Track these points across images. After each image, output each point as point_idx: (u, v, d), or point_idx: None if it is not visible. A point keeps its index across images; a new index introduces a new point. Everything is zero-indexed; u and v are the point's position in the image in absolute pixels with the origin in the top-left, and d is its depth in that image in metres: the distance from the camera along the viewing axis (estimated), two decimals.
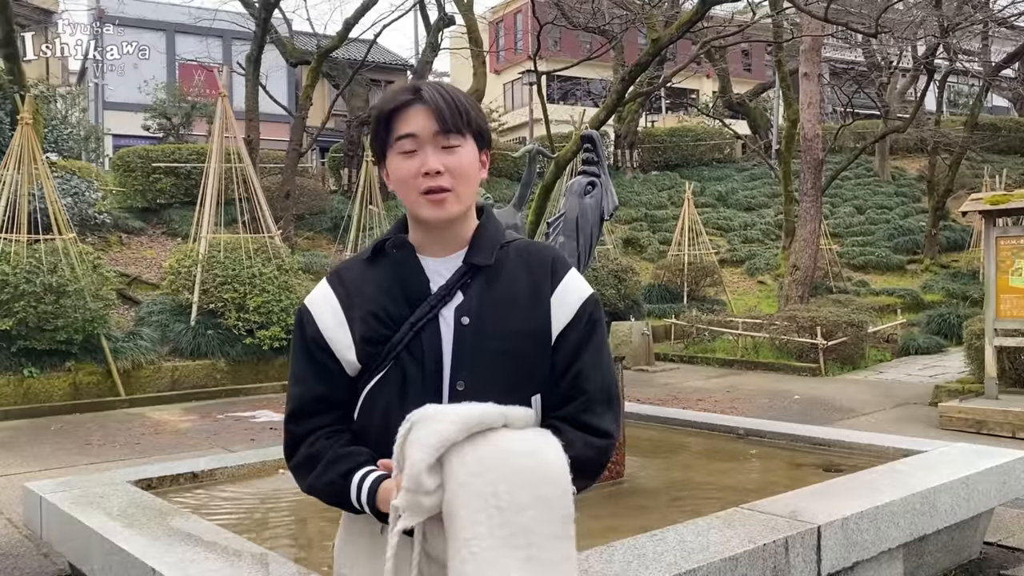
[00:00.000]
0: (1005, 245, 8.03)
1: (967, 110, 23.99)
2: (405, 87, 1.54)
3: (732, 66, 26.92)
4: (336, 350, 1.55)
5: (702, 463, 5.07)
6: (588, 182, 4.79)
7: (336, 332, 1.55)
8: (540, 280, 1.56)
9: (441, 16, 19.54)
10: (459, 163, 1.50)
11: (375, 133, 1.56)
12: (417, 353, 1.49)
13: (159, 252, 14.68)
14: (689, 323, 14.21)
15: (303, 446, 1.56)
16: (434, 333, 1.50)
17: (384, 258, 1.58)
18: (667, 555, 2.68)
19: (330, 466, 1.51)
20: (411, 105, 1.50)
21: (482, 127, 1.55)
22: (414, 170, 1.49)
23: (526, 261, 1.58)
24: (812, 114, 14.42)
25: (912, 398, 9.43)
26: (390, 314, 1.51)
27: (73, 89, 22.19)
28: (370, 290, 1.54)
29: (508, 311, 1.51)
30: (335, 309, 1.56)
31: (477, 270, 1.54)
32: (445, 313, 1.51)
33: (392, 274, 1.55)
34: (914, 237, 20.65)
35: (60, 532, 3.68)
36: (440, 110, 1.48)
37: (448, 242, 1.56)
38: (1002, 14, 18.54)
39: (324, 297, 1.59)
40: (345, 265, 1.64)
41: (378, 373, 1.51)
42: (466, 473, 1.32)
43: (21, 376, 9.32)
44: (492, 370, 1.49)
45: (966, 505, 3.66)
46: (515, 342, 1.50)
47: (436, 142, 1.49)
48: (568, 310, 1.55)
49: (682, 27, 10.97)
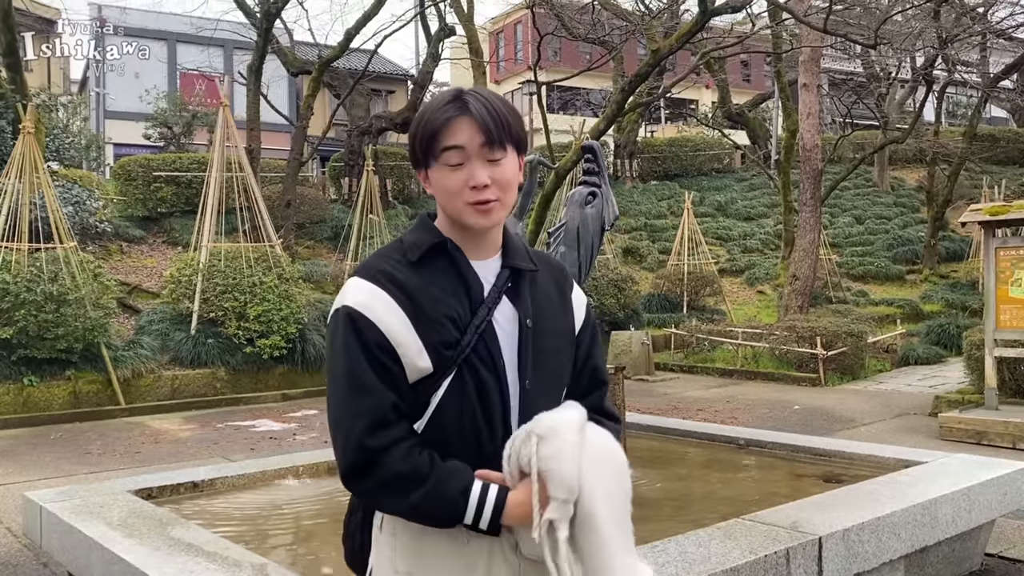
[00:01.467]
0: (1004, 256, 8.04)
1: (966, 121, 24.05)
2: (450, 96, 1.54)
3: (731, 77, 27.00)
4: (404, 355, 1.46)
5: (703, 473, 5.07)
6: (589, 192, 4.81)
7: (404, 336, 1.46)
8: (562, 284, 1.69)
9: (442, 27, 19.61)
10: (504, 174, 1.53)
11: (419, 141, 1.54)
12: (484, 356, 1.51)
13: (160, 261, 14.69)
14: (689, 333, 14.20)
15: (390, 461, 1.44)
16: (492, 335, 1.53)
17: (439, 259, 1.54)
18: (668, 566, 2.68)
19: (442, 483, 1.44)
20: (458, 117, 1.50)
21: (522, 136, 1.57)
22: (461, 182, 1.51)
23: (547, 266, 1.68)
24: (811, 124, 14.46)
25: (912, 408, 9.42)
26: (460, 317, 1.51)
27: (74, 98, 22.22)
28: (435, 292, 1.51)
29: (551, 312, 1.62)
30: (397, 311, 1.47)
31: (519, 273, 1.59)
32: (496, 316, 1.55)
33: (455, 276, 1.54)
34: (913, 247, 20.67)
35: (60, 542, 3.67)
36: (486, 123, 1.50)
37: (487, 246, 1.59)
38: (1000, 26, 18.61)
39: (378, 299, 1.48)
40: (383, 265, 1.52)
41: (446, 378, 1.49)
42: (591, 475, 1.43)
43: (21, 385, 9.32)
44: (547, 368, 1.58)
45: (967, 516, 3.66)
46: (560, 341, 1.63)
47: (482, 155, 1.50)
48: (581, 312, 1.71)
49: (682, 38, 11.01)
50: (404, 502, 1.44)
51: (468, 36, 17.23)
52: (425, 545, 1.50)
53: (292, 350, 11.04)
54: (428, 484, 1.43)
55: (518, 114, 1.58)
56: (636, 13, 16.44)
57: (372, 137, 20.20)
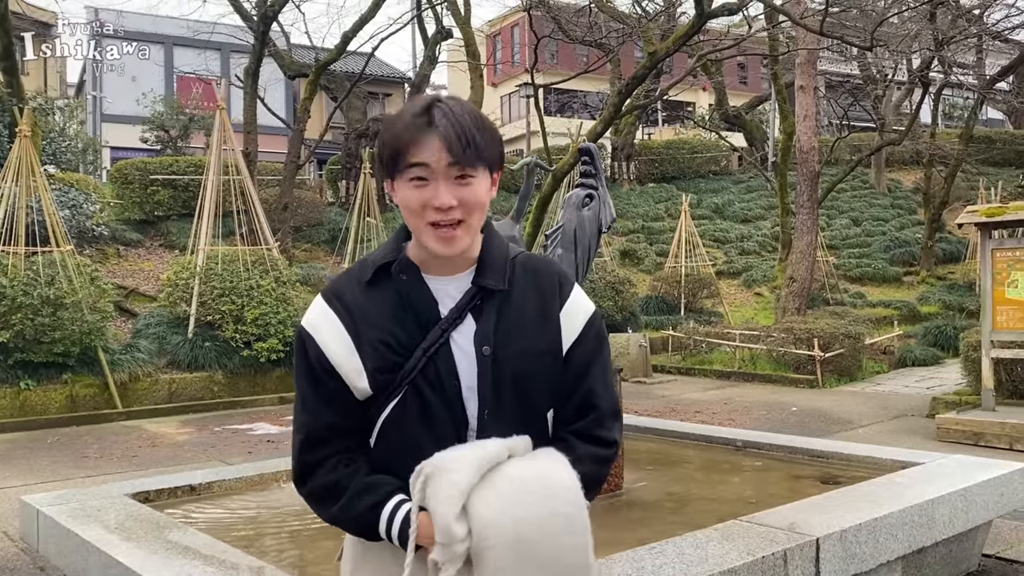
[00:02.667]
0: (1001, 257, 8.05)
1: (962, 123, 24.11)
2: (418, 108, 1.45)
3: (728, 79, 27.05)
4: (344, 375, 1.48)
5: (700, 475, 5.07)
6: (586, 194, 4.81)
7: (344, 358, 1.48)
8: (549, 298, 1.56)
9: (439, 29, 19.63)
10: (472, 195, 1.45)
11: (384, 155, 1.48)
12: (433, 378, 1.46)
13: (157, 264, 14.67)
14: (686, 335, 14.22)
15: (319, 474, 1.50)
16: (447, 358, 1.47)
17: (388, 281, 1.51)
18: (666, 568, 2.68)
19: (356, 498, 1.46)
20: (424, 133, 1.42)
21: (493, 154, 1.48)
22: (425, 201, 1.43)
23: (533, 279, 1.57)
24: (808, 127, 14.48)
25: (909, 410, 9.43)
26: (400, 341, 1.47)
27: (71, 102, 22.20)
28: (376, 316, 1.49)
29: (522, 334, 1.51)
30: (340, 333, 1.48)
31: (488, 293, 1.51)
32: (456, 337, 1.48)
33: (399, 299, 1.50)
34: (910, 249, 20.70)
35: (57, 546, 3.66)
36: (452, 143, 1.41)
37: (454, 263, 1.52)
38: (996, 28, 18.67)
39: (326, 319, 1.50)
40: (341, 285, 1.55)
41: (392, 399, 1.48)
42: (490, 513, 1.35)
43: (18, 389, 9.30)
44: (513, 393, 1.50)
45: (964, 517, 3.66)
46: (531, 363, 1.51)
47: (448, 174, 1.43)
48: (576, 326, 1.57)
49: (679, 40, 11.03)
50: (327, 513, 1.51)
51: (465, 39, 17.24)
52: (370, 550, 1.54)
53: (289, 353, 11.01)
54: (343, 498, 1.47)
55: (494, 130, 1.50)
56: (633, 16, 16.46)
57: (369, 140, 20.21)
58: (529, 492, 1.38)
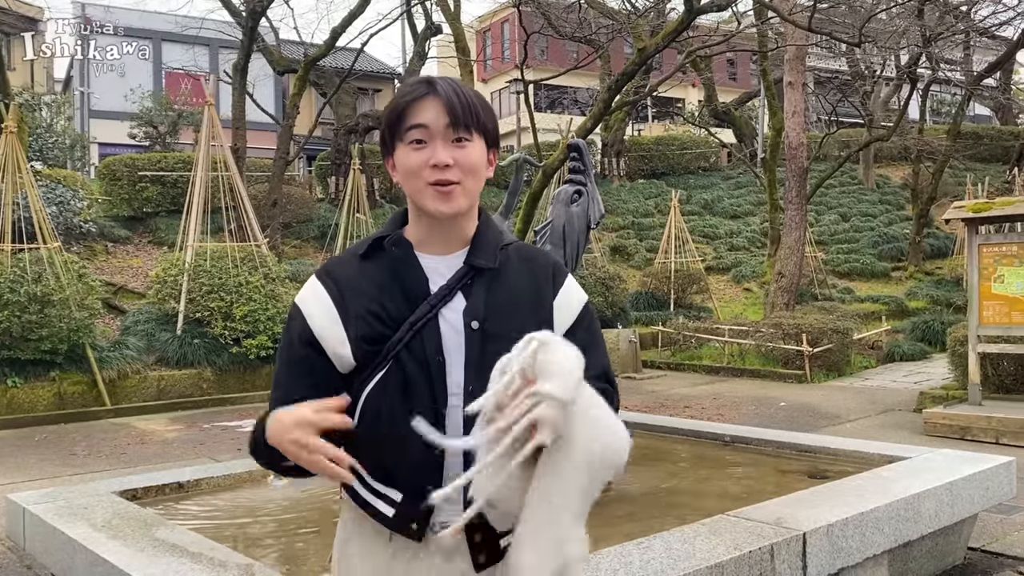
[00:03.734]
0: (987, 252, 8.10)
1: (950, 119, 24.22)
2: (419, 80, 1.54)
3: (717, 75, 27.06)
4: (327, 347, 1.50)
5: (688, 470, 5.09)
6: (575, 190, 4.82)
7: (328, 329, 1.50)
8: (543, 285, 1.59)
9: (428, 25, 19.58)
10: (468, 157, 1.49)
11: (387, 125, 1.54)
12: (418, 353, 1.47)
13: (145, 261, 14.60)
14: (676, 330, 14.25)
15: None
16: (434, 333, 1.48)
17: (381, 254, 1.55)
18: (653, 563, 2.69)
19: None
20: (425, 97, 1.49)
21: (490, 126, 1.54)
22: (423, 161, 1.48)
23: (528, 265, 1.60)
24: (797, 123, 14.53)
25: (897, 404, 9.48)
26: (389, 313, 1.49)
27: (58, 97, 22.06)
28: (367, 287, 1.51)
29: (513, 314, 1.52)
30: (326, 305, 1.51)
31: (479, 272, 1.53)
32: (446, 313, 1.50)
33: (390, 272, 1.52)
34: (898, 244, 20.80)
35: (44, 544, 3.65)
36: (452, 104, 1.48)
37: (450, 239, 1.55)
38: (983, 24, 18.76)
39: (314, 293, 1.54)
40: (336, 261, 1.59)
41: (377, 373, 1.48)
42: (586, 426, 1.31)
43: (5, 386, 9.24)
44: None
45: (950, 511, 3.69)
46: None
47: (446, 135, 1.48)
48: (571, 314, 1.60)
49: (668, 36, 11.04)
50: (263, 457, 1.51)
51: (455, 34, 17.19)
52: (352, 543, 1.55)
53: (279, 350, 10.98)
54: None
55: (490, 107, 1.56)
56: (622, 12, 16.47)
57: (359, 136, 20.15)
58: (606, 424, 1.36)
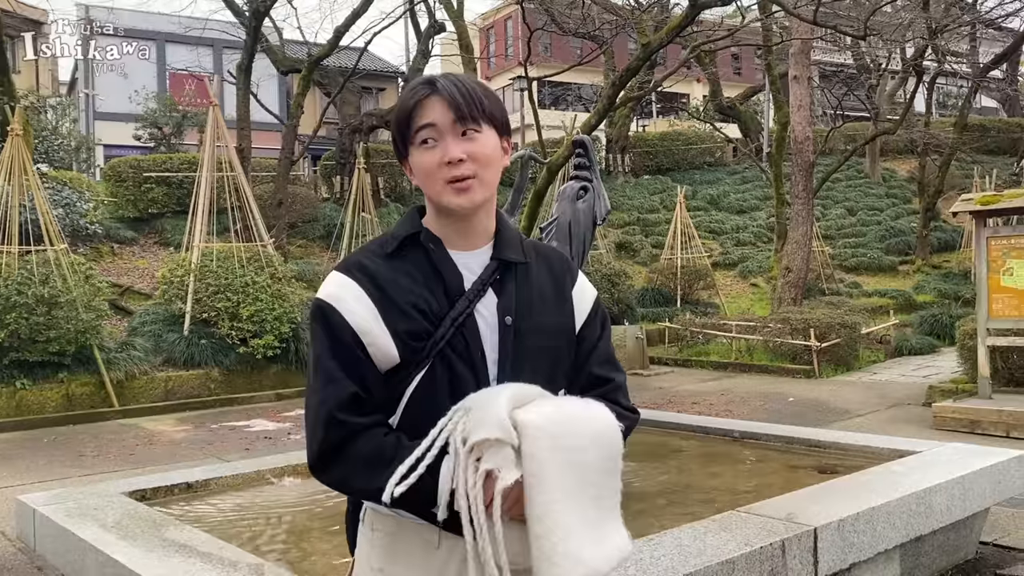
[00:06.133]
0: (996, 245, 8.05)
1: (956, 111, 24.11)
2: (420, 81, 1.54)
3: (722, 70, 27.00)
4: (371, 343, 1.45)
5: (698, 466, 5.08)
6: (580, 187, 4.81)
7: (371, 324, 1.46)
8: (562, 278, 1.63)
9: (432, 23, 19.57)
10: (480, 149, 1.49)
11: (397, 131, 1.54)
12: (461, 350, 1.47)
13: (151, 262, 14.64)
14: (683, 326, 14.22)
15: (354, 447, 1.41)
16: (474, 329, 1.49)
17: (415, 250, 1.53)
18: (664, 559, 2.68)
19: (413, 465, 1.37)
20: (428, 98, 1.50)
21: (498, 114, 1.54)
22: (436, 160, 1.48)
23: (545, 259, 1.64)
24: (802, 117, 14.48)
25: (906, 399, 9.45)
26: (431, 308, 1.48)
27: (63, 100, 22.13)
28: (405, 283, 1.49)
29: (542, 308, 1.56)
30: (364, 301, 1.47)
31: (507, 267, 1.55)
32: (480, 308, 1.51)
33: (428, 267, 1.51)
34: (905, 238, 20.73)
35: (54, 545, 3.66)
36: (455, 99, 1.48)
37: (473, 235, 1.55)
38: (989, 15, 18.67)
39: (347, 289, 1.49)
40: (361, 258, 1.54)
41: (420, 370, 1.46)
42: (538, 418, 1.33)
43: (14, 388, 9.27)
44: (533, 365, 1.52)
45: (961, 505, 3.67)
46: (551, 338, 1.56)
47: (455, 130, 1.49)
48: (586, 307, 1.64)
49: (672, 31, 11.00)
50: (372, 485, 1.38)
51: (458, 32, 17.20)
52: (399, 544, 1.49)
53: (286, 350, 11.01)
54: (395, 464, 1.36)
55: (495, 95, 1.56)
56: (626, 7, 16.41)
57: (363, 135, 20.16)
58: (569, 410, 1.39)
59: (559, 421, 1.35)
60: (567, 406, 1.40)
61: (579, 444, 1.35)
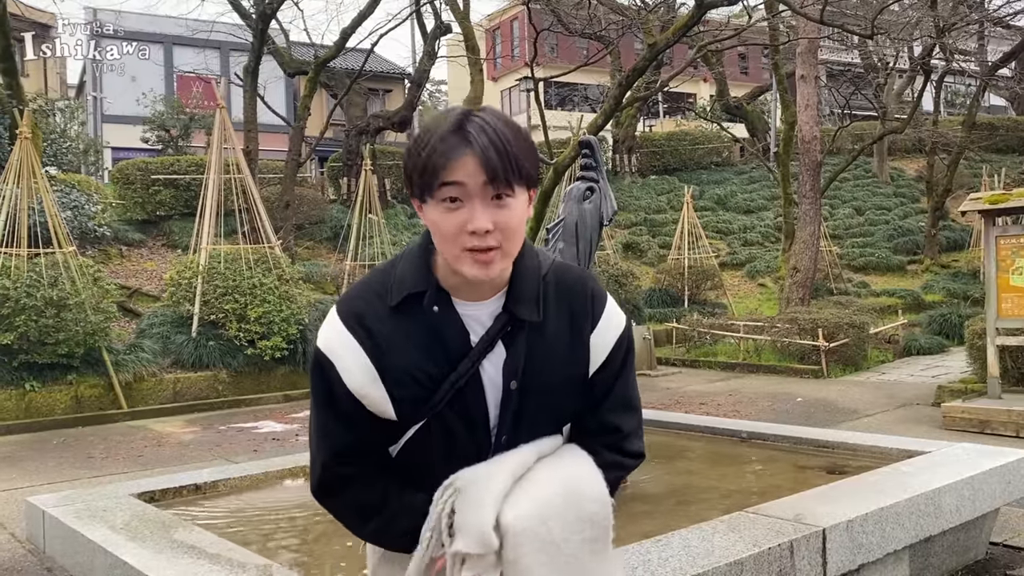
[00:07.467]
0: (1005, 244, 8.02)
1: (964, 110, 24.02)
2: (449, 128, 1.32)
3: (729, 70, 26.97)
4: (369, 404, 1.43)
5: (705, 467, 5.06)
6: (587, 187, 4.79)
7: (368, 388, 1.41)
8: (582, 322, 1.50)
9: (438, 24, 19.59)
10: (508, 220, 1.34)
11: (417, 175, 1.35)
12: (460, 409, 1.42)
13: (159, 264, 14.69)
14: (690, 327, 14.20)
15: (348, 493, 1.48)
16: (476, 388, 1.43)
17: (418, 310, 1.42)
18: (672, 560, 2.67)
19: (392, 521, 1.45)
20: (459, 153, 1.31)
21: (531, 169, 1.37)
22: (459, 224, 1.32)
23: (567, 301, 1.50)
24: (810, 116, 14.44)
25: (915, 399, 9.41)
26: (430, 375, 1.40)
27: (72, 103, 22.20)
28: (404, 345, 1.41)
29: (552, 367, 1.46)
30: (363, 362, 1.41)
31: (520, 321, 1.44)
32: (486, 365, 1.43)
33: (430, 330, 1.41)
34: (914, 238, 20.66)
35: (63, 546, 3.67)
36: (490, 159, 1.30)
37: (486, 286, 1.43)
38: (998, 13, 18.59)
39: (346, 346, 1.42)
40: (361, 305, 1.44)
41: (417, 423, 1.45)
42: (523, 523, 1.33)
43: (23, 390, 9.31)
44: (535, 420, 1.48)
45: (971, 505, 3.65)
46: (558, 394, 1.48)
47: (485, 194, 1.32)
48: (607, 346, 1.52)
49: (678, 31, 11.00)
50: (362, 530, 1.50)
51: (464, 33, 17.20)
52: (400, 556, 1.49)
53: (293, 351, 11.03)
54: (381, 518, 1.46)
55: (531, 143, 1.39)
56: (632, 7, 16.40)
57: (370, 136, 20.20)
58: (557, 494, 1.37)
59: (545, 517, 1.34)
60: (554, 496, 1.36)
61: (564, 536, 1.35)
